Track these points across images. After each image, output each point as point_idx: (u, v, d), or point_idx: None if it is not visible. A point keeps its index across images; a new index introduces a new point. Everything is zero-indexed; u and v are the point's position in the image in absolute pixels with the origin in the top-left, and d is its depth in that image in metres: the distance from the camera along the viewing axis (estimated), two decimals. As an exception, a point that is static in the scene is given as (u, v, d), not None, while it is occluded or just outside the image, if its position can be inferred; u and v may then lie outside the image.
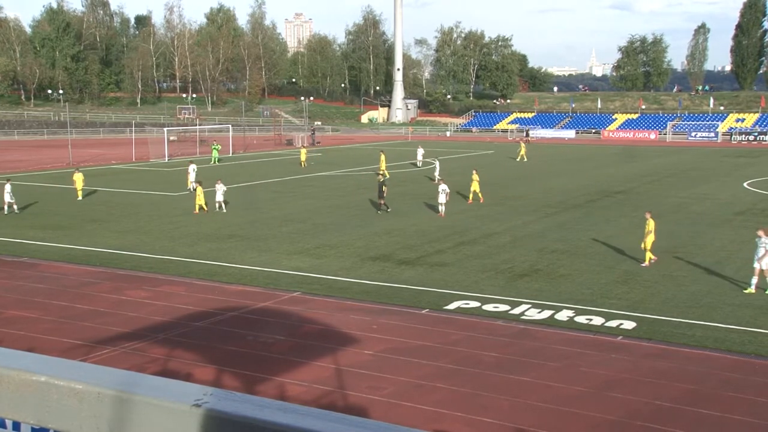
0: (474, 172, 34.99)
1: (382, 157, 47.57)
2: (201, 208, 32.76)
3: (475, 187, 34.61)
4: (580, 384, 13.47)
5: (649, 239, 22.28)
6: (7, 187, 32.66)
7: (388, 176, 43.64)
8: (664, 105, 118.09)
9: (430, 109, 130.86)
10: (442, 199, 31.53)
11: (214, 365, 14.39)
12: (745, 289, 19.70)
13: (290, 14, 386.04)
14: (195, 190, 34.24)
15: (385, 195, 32.81)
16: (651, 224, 22.34)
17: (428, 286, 20.31)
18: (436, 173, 42.11)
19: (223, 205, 33.32)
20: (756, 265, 19.60)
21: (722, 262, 23.31)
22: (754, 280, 19.58)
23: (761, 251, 19.52)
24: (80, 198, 37.19)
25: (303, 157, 54.78)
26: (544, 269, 22.25)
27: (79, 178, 37.62)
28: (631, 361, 14.70)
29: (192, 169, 40.32)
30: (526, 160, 60.79)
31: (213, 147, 58.85)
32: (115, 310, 18.00)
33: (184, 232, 28.26)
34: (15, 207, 32.90)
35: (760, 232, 19.98)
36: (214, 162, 56.95)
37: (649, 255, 22.44)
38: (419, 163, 56.60)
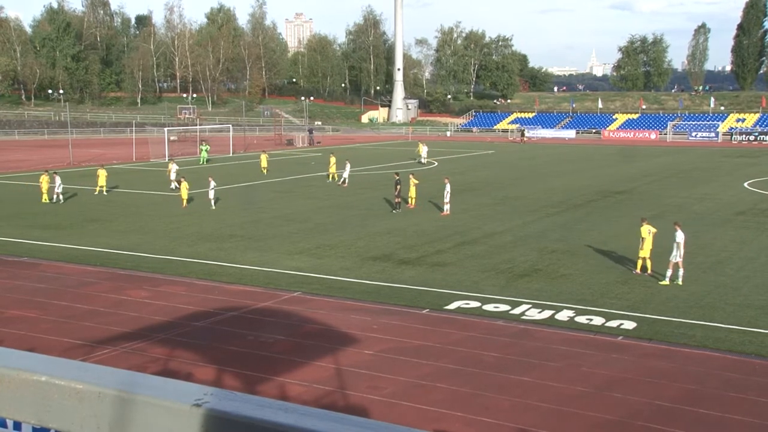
0: (411, 176, 34.70)
1: (332, 159, 46.26)
2: (187, 201, 34.52)
3: (412, 192, 34.31)
4: (580, 384, 13.47)
5: (646, 246, 21.29)
6: (57, 180, 36.03)
7: (336, 179, 44.07)
8: (665, 105, 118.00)
9: (430, 109, 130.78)
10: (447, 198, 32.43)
11: (214, 365, 14.39)
12: (660, 281, 20.39)
13: (290, 14, 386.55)
14: (179, 185, 35.83)
15: (399, 194, 33.08)
16: (644, 230, 21.49)
17: (428, 286, 20.31)
18: (345, 174, 43.16)
19: (212, 202, 34.19)
20: (672, 258, 20.17)
21: (723, 262, 23.29)
22: (669, 272, 20.24)
23: (676, 244, 20.16)
24: (104, 193, 38.78)
25: (264, 163, 49.69)
26: (545, 269, 22.25)
27: (102, 174, 39.23)
28: (632, 361, 14.69)
29: (173, 168, 41.89)
30: (424, 162, 57.85)
31: (201, 148, 58.97)
32: (116, 310, 18.01)
33: (185, 232, 28.27)
34: (61, 197, 36.15)
35: (677, 226, 20.57)
36: (203, 162, 56.95)
37: (646, 263, 21.46)
38: (424, 161, 57.60)
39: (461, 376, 13.82)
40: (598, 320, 17.20)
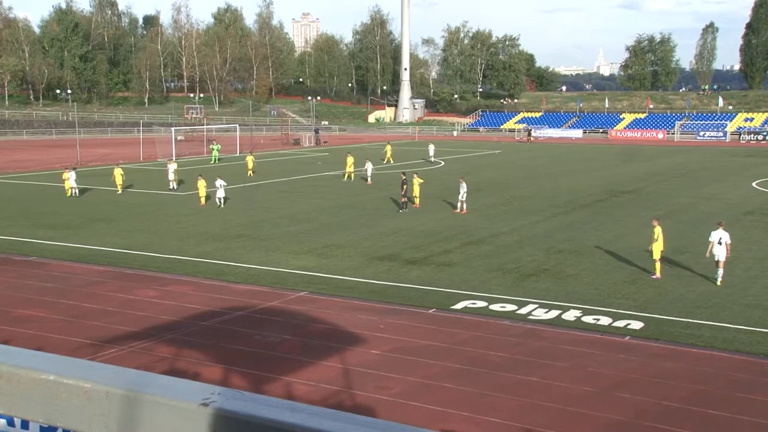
0: (415, 175, 34.59)
1: (349, 159, 45.96)
2: (205, 199, 35.04)
3: (416, 191, 34.15)
4: (587, 384, 13.44)
5: (657, 247, 20.90)
6: (72, 175, 37.84)
7: (352, 178, 44.32)
8: (672, 104, 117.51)
9: (437, 108, 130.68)
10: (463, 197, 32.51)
11: (221, 364, 14.42)
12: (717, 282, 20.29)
13: (297, 14, 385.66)
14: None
15: (405, 194, 33.12)
16: (657, 231, 21.12)
17: (435, 285, 20.31)
18: (369, 173, 43.77)
19: (221, 201, 34.39)
20: (717, 258, 20.31)
21: (731, 262, 23.09)
22: (720, 271, 20.34)
23: (716, 243, 20.36)
24: (119, 192, 39.28)
25: (250, 165, 48.44)
26: (552, 269, 22.20)
27: (118, 173, 39.80)
28: (639, 361, 14.65)
29: (171, 168, 42.04)
30: (392, 162, 57.10)
31: (212, 147, 59.69)
32: (123, 310, 18.07)
33: (192, 232, 28.33)
34: (77, 191, 37.88)
35: (720, 225, 20.73)
36: (215, 161, 57.56)
37: (658, 265, 21.06)
38: (431, 159, 58.25)
39: (468, 376, 13.80)
40: (605, 320, 17.16)
